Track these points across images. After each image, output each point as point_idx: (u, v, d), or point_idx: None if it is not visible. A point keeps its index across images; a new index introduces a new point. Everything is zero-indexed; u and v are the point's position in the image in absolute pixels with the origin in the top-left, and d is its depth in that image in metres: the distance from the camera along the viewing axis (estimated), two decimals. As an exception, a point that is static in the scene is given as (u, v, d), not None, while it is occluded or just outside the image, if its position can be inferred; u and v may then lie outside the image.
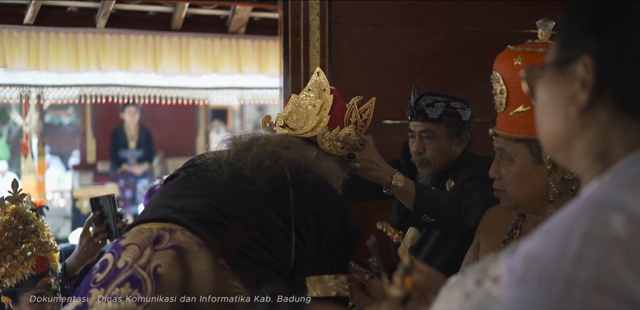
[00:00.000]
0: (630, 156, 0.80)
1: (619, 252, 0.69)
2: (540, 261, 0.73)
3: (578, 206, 0.76)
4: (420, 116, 2.44)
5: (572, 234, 0.71)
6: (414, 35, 3.25)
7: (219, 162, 1.70)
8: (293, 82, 3.06)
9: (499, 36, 3.27)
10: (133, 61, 4.42)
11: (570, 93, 0.84)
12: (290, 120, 1.92)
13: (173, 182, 1.74)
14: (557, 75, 0.86)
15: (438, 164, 2.47)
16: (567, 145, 0.86)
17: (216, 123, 9.63)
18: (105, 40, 4.36)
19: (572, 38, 0.85)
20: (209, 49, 4.58)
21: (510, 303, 0.75)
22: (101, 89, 4.60)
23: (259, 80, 4.93)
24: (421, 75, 3.20)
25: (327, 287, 1.60)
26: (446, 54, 3.28)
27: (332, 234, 1.64)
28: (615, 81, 0.80)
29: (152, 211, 1.64)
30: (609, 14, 0.82)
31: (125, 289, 1.44)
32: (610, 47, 0.80)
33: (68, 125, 10.49)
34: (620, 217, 0.71)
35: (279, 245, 1.57)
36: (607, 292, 0.68)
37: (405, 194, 2.02)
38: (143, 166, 7.76)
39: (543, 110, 0.89)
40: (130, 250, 1.52)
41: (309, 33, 3.07)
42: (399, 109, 3.15)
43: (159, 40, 4.46)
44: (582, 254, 0.70)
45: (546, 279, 0.71)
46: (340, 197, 1.74)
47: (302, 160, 1.72)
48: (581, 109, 0.83)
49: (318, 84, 1.92)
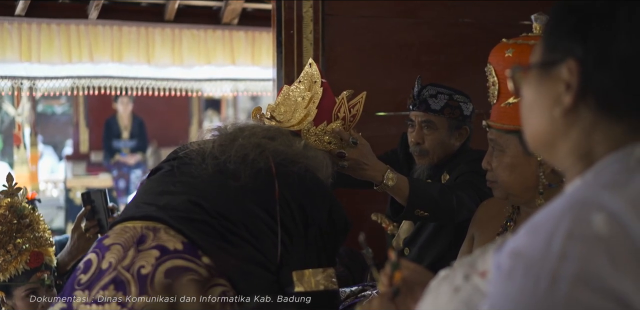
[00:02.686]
0: (611, 156, 0.82)
1: (600, 250, 0.72)
2: (526, 258, 0.75)
3: (562, 205, 0.78)
4: (422, 106, 2.42)
5: (556, 233, 0.74)
6: (408, 26, 3.25)
7: (203, 155, 1.67)
8: (286, 73, 3.06)
9: (493, 28, 3.28)
10: (126, 53, 4.40)
11: (554, 95, 0.86)
12: (278, 112, 1.90)
13: (157, 176, 1.72)
14: (542, 77, 0.88)
15: (436, 156, 2.46)
16: (551, 144, 0.88)
17: (209, 113, 9.60)
18: (98, 31, 4.34)
19: (558, 41, 0.87)
20: (202, 41, 4.57)
21: (498, 297, 0.77)
22: (94, 80, 4.57)
23: (252, 72, 4.92)
24: (415, 66, 3.20)
25: (315, 281, 1.59)
26: (440, 45, 3.28)
27: (319, 227, 1.62)
28: (598, 85, 0.82)
29: (136, 208, 1.62)
30: (593, 19, 0.84)
31: (110, 292, 1.44)
32: (594, 52, 0.82)
33: (61, 114, 10.45)
34: (601, 216, 0.73)
35: (265, 241, 1.55)
36: (590, 287, 0.70)
37: (397, 191, 2.02)
38: (136, 156, 7.75)
39: (528, 109, 0.91)
40: (114, 250, 1.51)
41: (302, 25, 3.06)
42: (393, 101, 3.16)
43: (151, 32, 4.45)
44: (566, 251, 0.72)
45: (532, 275, 0.73)
46: (328, 189, 1.72)
47: (288, 152, 1.69)
48: (565, 111, 0.85)
49: (310, 76, 1.91)
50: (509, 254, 0.77)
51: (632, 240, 0.72)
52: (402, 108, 3.19)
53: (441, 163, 2.49)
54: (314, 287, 1.57)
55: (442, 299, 0.95)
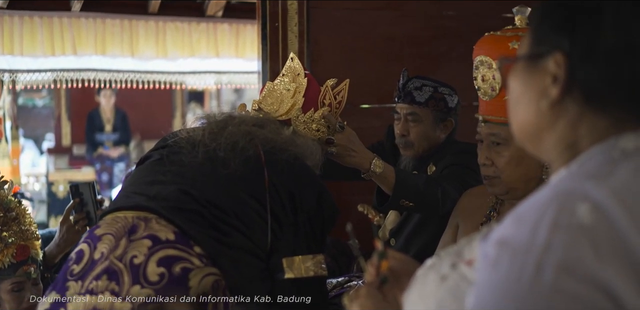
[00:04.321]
0: (595, 147, 0.84)
1: (585, 239, 0.73)
2: (511, 247, 0.76)
3: (547, 195, 0.79)
4: (407, 98, 2.45)
5: (541, 222, 0.75)
6: (392, 19, 3.26)
7: (193, 143, 1.67)
8: (271, 66, 3.06)
9: (476, 20, 3.30)
10: (109, 45, 4.38)
11: (541, 87, 0.87)
12: (265, 104, 1.92)
13: (146, 165, 1.71)
14: (529, 69, 0.89)
15: (421, 148, 2.48)
16: (538, 136, 0.90)
17: (193, 105, 9.56)
18: (81, 24, 4.31)
19: (545, 34, 0.88)
20: (186, 33, 4.56)
21: (484, 286, 0.78)
22: (77, 73, 4.54)
23: (236, 64, 4.91)
24: (399, 59, 3.22)
25: (305, 268, 1.60)
26: (424, 38, 3.30)
27: (308, 214, 1.63)
28: (584, 78, 0.84)
29: (126, 198, 1.62)
30: (580, 12, 0.85)
31: (103, 282, 1.44)
32: (581, 45, 0.83)
33: (42, 107, 10.34)
34: (585, 206, 0.75)
35: (255, 229, 1.56)
36: (574, 276, 0.72)
37: (383, 179, 2.05)
38: (119, 149, 7.71)
39: (515, 101, 0.93)
40: (105, 240, 1.50)
41: (287, 17, 3.06)
42: (377, 93, 3.18)
43: (135, 24, 4.42)
44: (551, 241, 0.73)
45: (517, 264, 0.74)
46: (316, 176, 1.73)
47: (277, 139, 1.70)
48: (552, 103, 0.86)
49: (292, 70, 1.93)
50: (495, 243, 0.78)
51: (616, 230, 0.74)
52: (386, 100, 3.21)
53: (427, 154, 2.51)
54: (304, 273, 1.59)
55: (429, 287, 0.96)
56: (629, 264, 0.73)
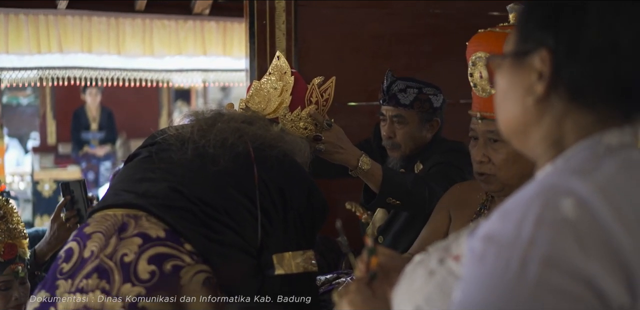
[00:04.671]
0: (580, 143, 0.86)
1: (569, 234, 0.74)
2: (497, 242, 0.77)
3: (532, 190, 0.81)
4: (392, 101, 2.45)
5: (526, 218, 0.77)
6: (379, 17, 3.27)
7: (182, 140, 1.67)
8: (259, 64, 3.06)
9: (463, 18, 3.32)
10: (95, 43, 4.36)
11: (527, 84, 0.88)
12: (252, 102, 1.92)
13: (135, 163, 1.71)
14: (515, 66, 0.90)
15: (408, 149, 2.50)
16: (524, 132, 0.91)
17: (179, 104, 9.54)
18: (67, 21, 4.28)
19: (531, 31, 0.89)
20: (173, 31, 4.54)
21: (470, 280, 0.80)
22: (63, 71, 4.51)
23: (223, 62, 4.90)
24: (387, 57, 3.23)
25: (295, 264, 1.61)
26: (411, 35, 3.31)
27: (298, 210, 1.63)
28: (569, 75, 0.85)
29: (115, 196, 1.61)
30: (565, 10, 0.86)
31: (93, 280, 1.43)
32: (566, 42, 0.85)
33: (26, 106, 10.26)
34: (569, 201, 0.76)
35: (245, 226, 1.56)
36: (559, 270, 0.73)
37: (371, 176, 2.05)
38: (105, 148, 7.67)
39: (502, 98, 0.94)
40: (95, 239, 1.50)
41: (275, 15, 3.06)
42: (365, 91, 3.19)
43: (122, 22, 4.40)
44: (535, 236, 0.75)
45: (503, 259, 0.76)
46: (306, 173, 1.73)
47: (266, 136, 1.70)
48: (538, 99, 0.88)
49: (279, 68, 1.94)
50: (481, 238, 0.80)
51: (600, 224, 0.75)
52: (374, 98, 3.21)
53: (413, 154, 2.53)
54: (294, 269, 1.59)
55: (417, 282, 0.98)
56: (613, 258, 0.74)
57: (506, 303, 0.75)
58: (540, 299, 0.73)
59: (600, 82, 0.84)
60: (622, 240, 0.75)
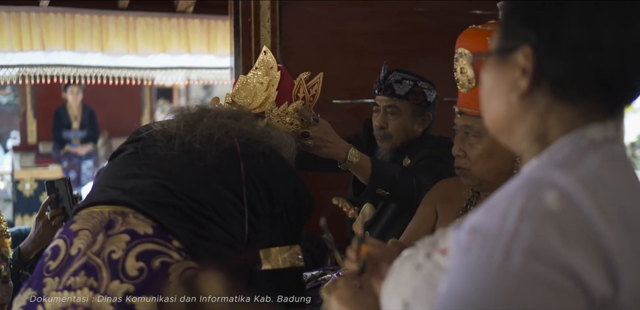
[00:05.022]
0: (565, 137, 0.87)
1: (552, 225, 0.76)
2: (482, 234, 0.79)
3: (517, 184, 0.82)
4: (387, 91, 2.48)
5: (510, 210, 0.78)
6: (364, 15, 3.28)
7: (168, 136, 1.66)
8: (244, 62, 3.06)
9: (445, 16, 3.35)
10: (78, 41, 4.32)
11: (511, 80, 0.90)
12: (238, 97, 1.92)
13: (120, 159, 1.69)
14: (500, 63, 0.92)
15: (399, 141, 2.52)
16: (509, 128, 0.93)
17: (161, 102, 9.51)
18: (49, 19, 4.24)
19: (513, 29, 0.91)
20: (157, 29, 4.52)
21: (455, 271, 0.81)
22: (45, 69, 4.47)
23: (207, 60, 4.89)
24: (371, 54, 3.24)
25: (282, 259, 1.61)
26: (395, 33, 3.33)
27: (285, 206, 1.64)
28: (551, 70, 0.87)
29: (101, 193, 1.60)
30: (546, 7, 0.88)
31: (81, 278, 1.42)
32: (547, 38, 0.87)
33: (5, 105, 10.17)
34: (552, 193, 0.78)
35: (232, 221, 1.56)
36: (541, 260, 0.75)
37: (360, 169, 2.07)
38: (87, 147, 7.63)
39: (487, 95, 0.96)
40: (82, 236, 1.49)
41: (260, 13, 3.07)
42: (350, 88, 3.20)
43: (105, 20, 4.37)
44: (519, 227, 0.77)
45: (487, 250, 0.78)
46: (292, 168, 1.73)
47: (252, 131, 1.70)
48: (521, 95, 0.90)
49: (265, 63, 1.94)
50: (467, 231, 0.82)
51: (582, 216, 0.77)
52: (359, 96, 3.24)
53: (403, 148, 2.54)
54: (281, 264, 1.60)
55: (404, 276, 0.99)
56: (595, 249, 0.76)
57: (490, 293, 0.76)
58: (523, 289, 0.75)
59: (581, 77, 0.86)
60: (604, 232, 0.77)
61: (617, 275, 0.77)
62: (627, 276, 0.78)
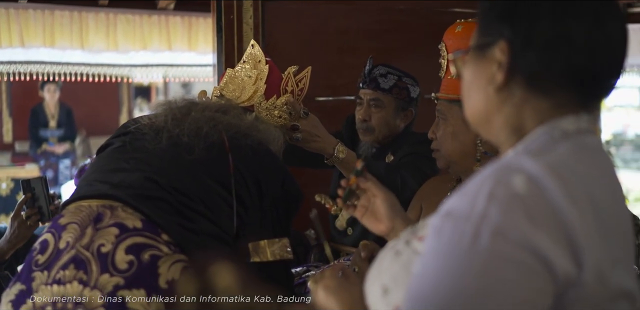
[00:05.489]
0: (539, 128, 0.92)
1: (519, 207, 0.81)
2: (454, 216, 0.84)
3: (489, 170, 0.87)
4: (372, 84, 2.51)
5: (480, 194, 0.83)
6: (346, 12, 3.30)
7: (157, 129, 1.66)
8: (227, 59, 3.06)
9: (426, 14, 3.37)
10: (58, 37, 4.29)
11: (489, 74, 0.95)
12: (227, 90, 1.92)
13: (108, 153, 1.69)
14: (478, 58, 0.97)
15: (381, 134, 2.54)
16: (487, 120, 0.98)
17: (139, 101, 9.45)
18: (29, 15, 4.21)
19: (490, 25, 0.96)
20: (137, 26, 4.50)
21: (429, 252, 0.86)
22: (25, 66, 4.43)
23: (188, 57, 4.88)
24: (353, 51, 3.25)
25: (271, 252, 1.61)
26: (377, 31, 3.35)
27: (273, 198, 1.64)
28: (526, 64, 0.92)
29: (89, 187, 1.59)
30: (520, 4, 0.93)
31: (70, 271, 1.42)
32: (521, 34, 0.92)
33: (-20, 104, 10.04)
34: (520, 177, 0.83)
35: (221, 215, 1.56)
36: (508, 240, 0.80)
37: (346, 164, 2.08)
38: (64, 145, 7.56)
39: (467, 89, 1.00)
40: (70, 229, 1.48)
41: (242, 10, 3.07)
42: (332, 85, 3.21)
43: (85, 16, 4.34)
44: (487, 209, 0.81)
45: (458, 231, 0.82)
46: (280, 161, 1.74)
47: (240, 125, 1.70)
48: (498, 88, 0.94)
49: (253, 56, 1.94)
50: (441, 215, 0.86)
51: (548, 199, 0.82)
52: (341, 93, 3.25)
53: (385, 143, 2.57)
54: (270, 257, 1.60)
55: (385, 263, 1.04)
56: (559, 230, 0.81)
57: (460, 271, 0.81)
58: (491, 267, 0.80)
59: (554, 71, 0.91)
60: (569, 214, 0.82)
61: (581, 254, 0.81)
62: (590, 255, 0.82)
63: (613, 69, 0.94)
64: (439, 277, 0.82)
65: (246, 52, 1.96)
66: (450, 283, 0.81)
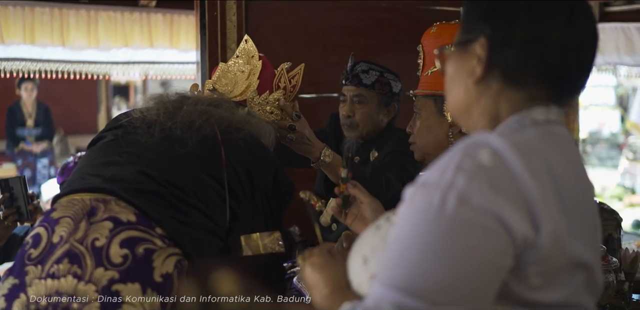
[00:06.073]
0: (512, 117, 1.02)
1: (483, 177, 0.90)
2: (424, 186, 0.93)
3: (459, 146, 0.96)
4: (354, 80, 2.55)
5: (449, 165, 0.92)
6: (329, 9, 3.32)
7: (149, 123, 1.65)
8: (210, 56, 3.06)
9: (409, 12, 3.41)
10: (38, 34, 4.24)
11: (470, 68, 1.04)
12: (219, 84, 1.93)
13: (100, 146, 1.68)
14: (460, 53, 1.07)
15: (365, 129, 2.58)
16: (467, 110, 1.07)
17: (117, 99, 9.39)
18: (8, 12, 4.15)
19: (472, 23, 1.05)
20: (119, 23, 4.47)
21: (401, 218, 0.95)
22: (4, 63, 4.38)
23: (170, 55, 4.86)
24: (336, 49, 3.28)
25: (263, 245, 1.62)
26: (360, 28, 3.37)
27: (265, 192, 1.65)
28: (503, 60, 1.01)
29: (82, 180, 1.58)
30: (500, 5, 1.03)
31: (64, 265, 1.41)
32: (500, 32, 1.01)
33: (-46, 103, 9.91)
34: (485, 151, 0.93)
35: (214, 208, 1.56)
36: (472, 206, 0.89)
37: (332, 168, 2.10)
38: (42, 145, 7.48)
39: (450, 82, 1.10)
40: (64, 223, 1.47)
41: (226, 7, 3.07)
42: (315, 83, 3.22)
43: (65, 13, 4.30)
44: (454, 180, 0.90)
45: (427, 198, 0.91)
46: (272, 154, 1.74)
47: (233, 119, 1.70)
48: (477, 80, 1.04)
49: (246, 52, 1.95)
50: (415, 186, 0.95)
51: (510, 171, 0.91)
52: (325, 90, 3.27)
53: (369, 138, 2.60)
54: (262, 250, 1.61)
55: (366, 236, 1.13)
56: (519, 198, 0.90)
57: (429, 233, 0.90)
58: (456, 230, 0.89)
59: (528, 67, 1.01)
60: (528, 184, 0.91)
61: (538, 219, 0.91)
62: (547, 221, 0.91)
63: (583, 67, 1.03)
64: (410, 239, 0.91)
65: (239, 47, 1.97)
66: (420, 244, 0.90)
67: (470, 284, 0.88)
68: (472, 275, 0.88)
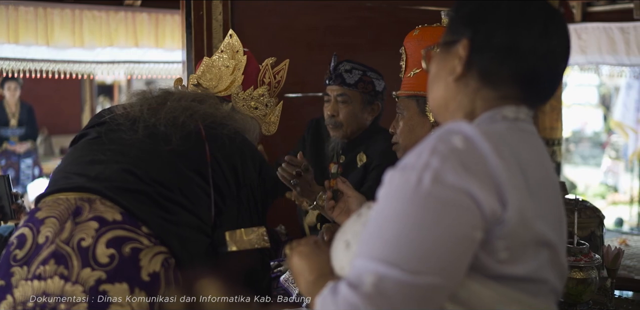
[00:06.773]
0: (485, 113, 1.12)
1: (455, 158, 0.99)
2: (402, 168, 1.02)
3: (434, 133, 1.05)
4: (337, 80, 2.58)
5: (424, 149, 1.02)
6: (314, 9, 3.33)
7: (133, 119, 1.64)
8: (196, 55, 3.06)
9: (393, 11, 3.42)
10: (23, 34, 4.21)
11: (451, 66, 1.14)
12: (204, 79, 1.93)
13: (83, 144, 1.67)
14: (444, 53, 1.17)
15: (350, 129, 2.61)
16: (445, 106, 1.17)
17: (101, 99, 9.33)
18: (-8, 11, 4.14)
19: (456, 26, 1.15)
20: (104, 22, 4.45)
21: (380, 198, 1.04)
22: (-12, 62, 4.35)
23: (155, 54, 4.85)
24: (321, 48, 3.28)
25: (248, 240, 1.62)
26: (345, 28, 3.38)
27: (250, 187, 1.65)
28: (480, 61, 1.12)
29: (66, 179, 1.57)
30: (482, 10, 1.13)
31: (51, 266, 1.40)
32: (481, 35, 1.11)
33: (-64, 102, 9.80)
34: (458, 137, 1.02)
35: (200, 204, 1.56)
36: (445, 184, 0.98)
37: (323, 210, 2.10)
38: (26, 145, 7.41)
39: (432, 81, 1.20)
40: (49, 224, 1.47)
41: (211, 6, 3.07)
42: (301, 82, 3.23)
43: (50, 13, 4.28)
44: (429, 160, 1.00)
45: (404, 178, 1.00)
46: (256, 150, 1.75)
47: (217, 114, 1.70)
48: (456, 78, 1.14)
49: (231, 46, 1.95)
50: (393, 170, 1.04)
51: (480, 154, 1.00)
52: (310, 89, 3.28)
53: (354, 137, 2.62)
54: (247, 246, 1.61)
55: (348, 223, 1.21)
56: (487, 177, 0.99)
57: (407, 210, 0.98)
58: (430, 206, 0.98)
59: (503, 69, 1.11)
60: (496, 165, 1.00)
61: (505, 196, 1.00)
62: (513, 198, 1.00)
63: (553, 75, 1.13)
64: (389, 215, 1.00)
65: (224, 42, 1.97)
66: (398, 219, 0.99)
67: (445, 254, 0.97)
68: (446, 246, 0.97)
